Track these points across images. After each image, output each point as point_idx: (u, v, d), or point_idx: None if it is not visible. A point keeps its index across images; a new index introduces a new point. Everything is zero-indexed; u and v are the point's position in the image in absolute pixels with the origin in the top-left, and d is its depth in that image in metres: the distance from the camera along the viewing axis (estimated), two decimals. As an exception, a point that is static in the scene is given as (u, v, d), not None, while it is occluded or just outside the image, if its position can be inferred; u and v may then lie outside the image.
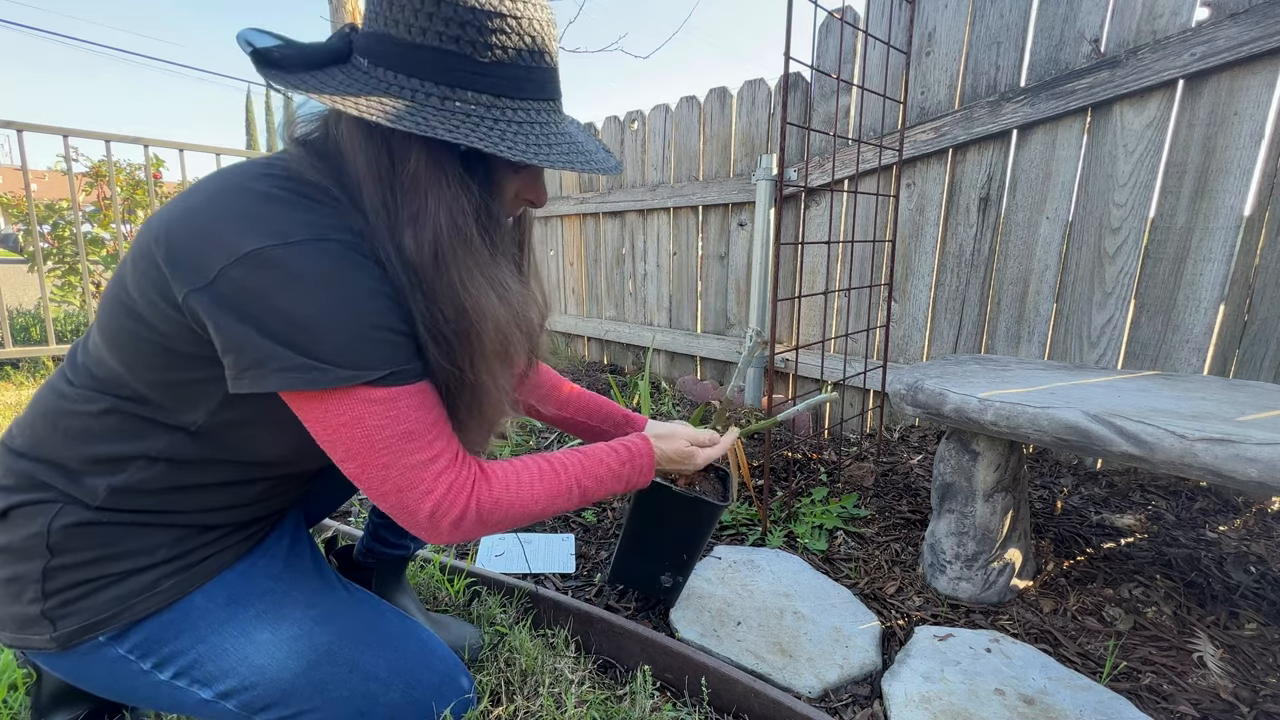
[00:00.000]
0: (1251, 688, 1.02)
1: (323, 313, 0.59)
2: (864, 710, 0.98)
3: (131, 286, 0.64)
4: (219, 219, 0.60)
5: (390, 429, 0.64)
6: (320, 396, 0.61)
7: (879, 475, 1.83)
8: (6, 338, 3.16)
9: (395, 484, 0.65)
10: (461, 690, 0.85)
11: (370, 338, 0.61)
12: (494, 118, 0.63)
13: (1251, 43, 1.43)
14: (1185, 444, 0.89)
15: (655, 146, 2.89)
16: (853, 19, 2.11)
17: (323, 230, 0.60)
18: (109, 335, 0.67)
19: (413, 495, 0.66)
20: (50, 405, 0.71)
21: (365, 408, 0.62)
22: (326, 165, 0.65)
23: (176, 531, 0.72)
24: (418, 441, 0.65)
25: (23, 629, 0.68)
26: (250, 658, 0.72)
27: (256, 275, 0.58)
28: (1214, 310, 1.58)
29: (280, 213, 0.60)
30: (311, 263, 0.59)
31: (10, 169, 26.41)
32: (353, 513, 1.67)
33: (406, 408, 0.64)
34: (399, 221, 0.64)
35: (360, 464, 0.64)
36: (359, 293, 0.61)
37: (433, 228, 0.64)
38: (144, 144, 3.46)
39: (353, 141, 0.64)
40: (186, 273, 0.59)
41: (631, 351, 3.29)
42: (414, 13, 0.60)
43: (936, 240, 2.04)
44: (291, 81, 0.62)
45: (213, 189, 0.63)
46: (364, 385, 0.62)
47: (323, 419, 0.63)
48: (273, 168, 0.64)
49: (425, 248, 0.64)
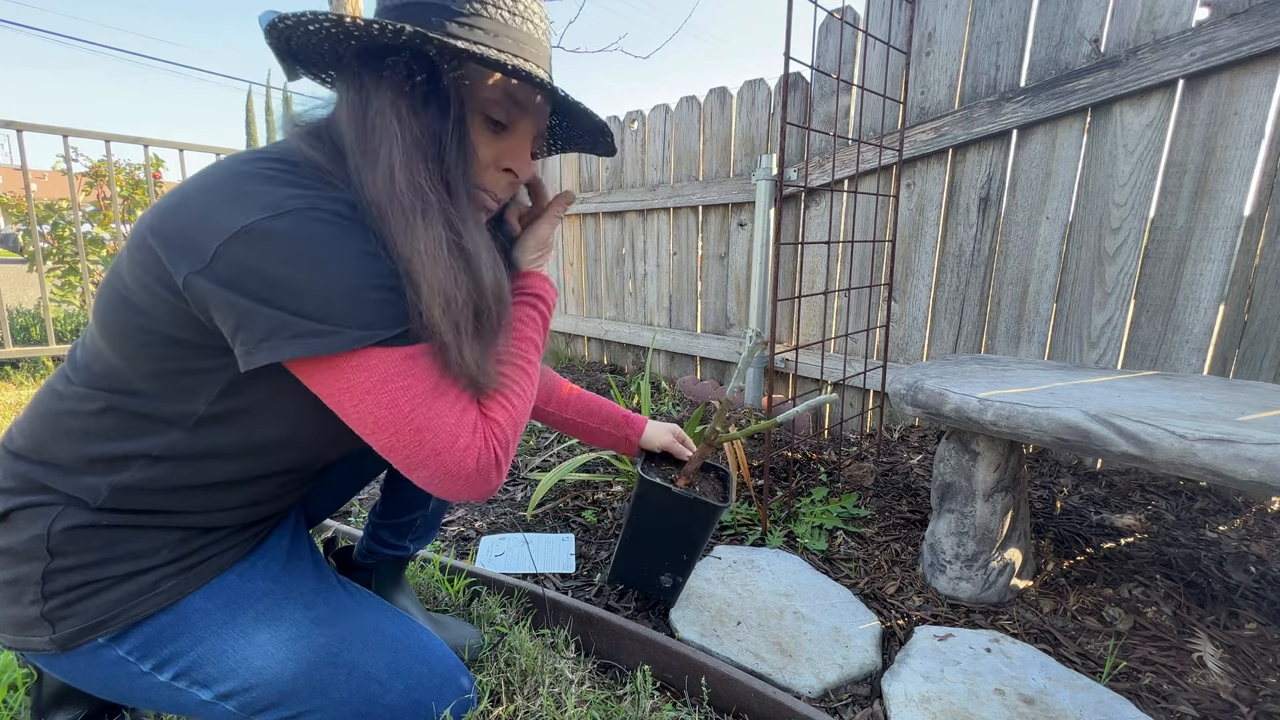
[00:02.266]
0: (1251, 688, 1.02)
1: (324, 276, 0.58)
2: (864, 710, 0.98)
3: (129, 277, 0.63)
4: (211, 201, 0.60)
5: (417, 387, 0.62)
6: (338, 364, 0.60)
7: (879, 475, 1.83)
8: (6, 338, 3.16)
9: (432, 446, 0.63)
10: (462, 690, 0.85)
11: (375, 298, 0.61)
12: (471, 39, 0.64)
13: (1251, 43, 1.43)
14: (1185, 444, 0.89)
15: (655, 146, 2.89)
16: (853, 19, 2.11)
17: (312, 201, 0.60)
18: (107, 329, 0.66)
19: (453, 455, 0.64)
20: (49, 406, 0.70)
21: (387, 367, 0.61)
22: (320, 142, 0.66)
23: (177, 533, 0.72)
24: (446, 398, 0.64)
25: (22, 631, 0.68)
26: (250, 659, 0.72)
27: (253, 249, 0.57)
28: (1214, 310, 1.58)
29: (270, 189, 0.60)
30: (305, 230, 0.59)
31: (10, 169, 26.40)
32: (352, 513, 1.67)
33: (427, 365, 0.63)
34: (363, 165, 0.63)
35: (392, 432, 0.63)
36: (355, 254, 0.60)
37: (386, 165, 0.62)
38: (144, 144, 3.46)
39: (342, 101, 0.65)
40: (185, 256, 0.59)
41: (631, 351, 3.29)
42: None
43: (936, 240, 2.04)
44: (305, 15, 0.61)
45: (204, 176, 0.63)
46: (379, 345, 0.61)
47: (346, 388, 0.61)
48: (267, 154, 0.64)
49: (380, 187, 0.62)
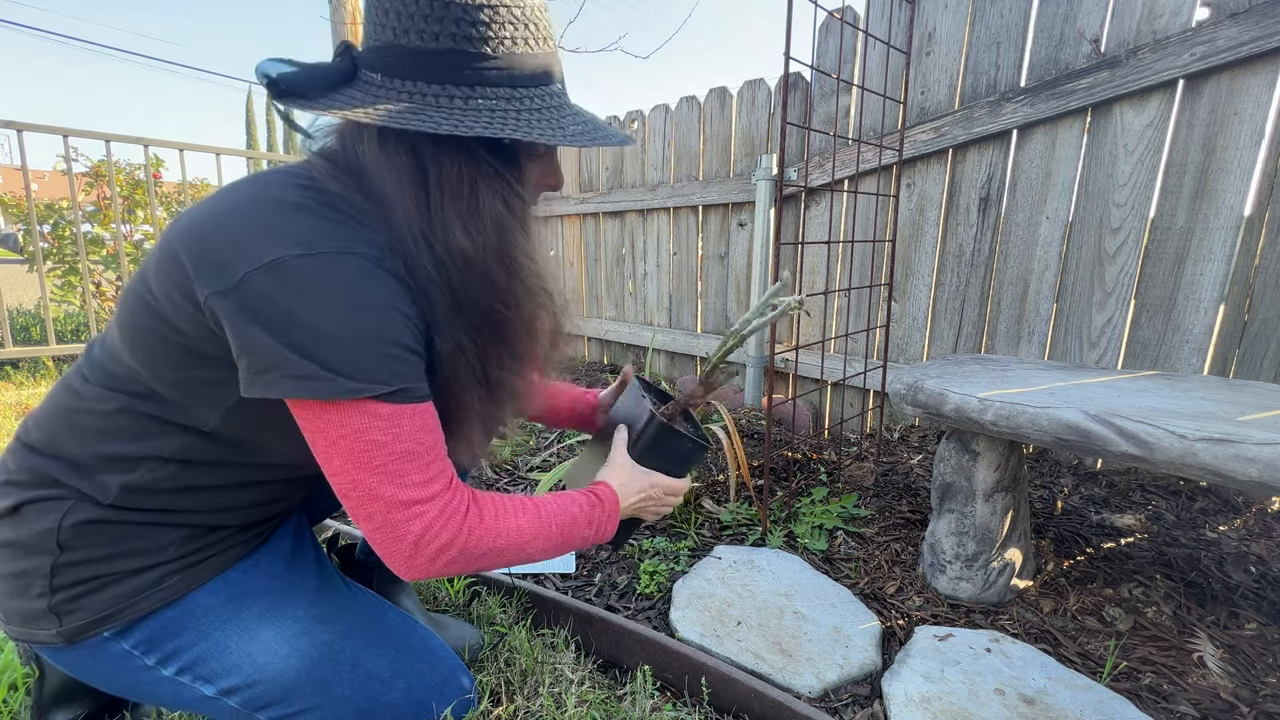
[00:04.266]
0: (1251, 688, 1.02)
1: (336, 323, 0.59)
2: (864, 710, 0.98)
3: (154, 284, 0.64)
4: (246, 225, 0.61)
5: (391, 447, 0.63)
6: (324, 407, 0.61)
7: (879, 475, 1.83)
8: (6, 338, 3.16)
9: (385, 504, 0.64)
10: (463, 690, 0.86)
11: (381, 351, 0.61)
12: (516, 108, 0.65)
13: (1251, 43, 1.43)
14: (1185, 444, 0.89)
15: (655, 146, 2.89)
16: (853, 19, 2.11)
17: (346, 244, 0.61)
18: (128, 332, 0.67)
19: (400, 516, 0.64)
20: (65, 402, 0.71)
21: (368, 421, 0.62)
22: (350, 179, 0.66)
23: (185, 531, 0.73)
24: (416, 462, 0.65)
25: (29, 623, 0.69)
26: (253, 655, 0.73)
27: (278, 282, 0.58)
28: (1214, 310, 1.58)
29: (306, 223, 0.61)
30: (332, 274, 0.60)
31: (10, 169, 26.40)
32: (353, 512, 1.67)
33: (410, 427, 0.64)
34: (444, 221, 0.65)
35: (352, 479, 0.63)
36: (375, 306, 0.61)
37: (494, 217, 0.67)
38: (144, 144, 3.46)
39: (378, 153, 0.65)
40: (211, 275, 0.60)
41: (632, 351, 3.29)
42: (424, 19, 0.61)
43: (936, 240, 2.04)
44: (317, 105, 0.63)
45: (242, 195, 0.64)
46: (370, 399, 0.61)
47: (324, 429, 0.62)
48: (299, 178, 0.65)
49: (486, 239, 0.66)
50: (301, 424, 0.64)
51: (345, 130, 0.68)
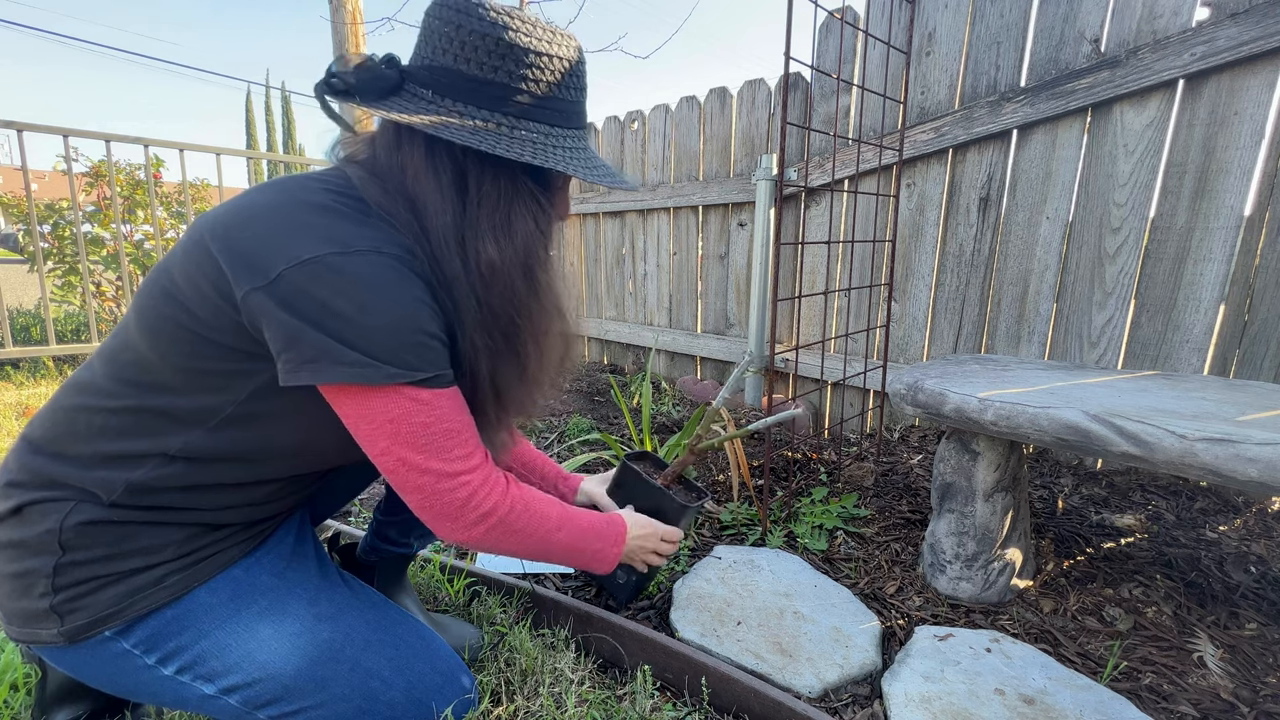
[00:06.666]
0: (1251, 688, 1.02)
1: (376, 315, 0.64)
2: (864, 710, 0.98)
3: (179, 275, 0.67)
4: (282, 225, 0.65)
5: (435, 426, 0.69)
6: (369, 392, 0.66)
7: (879, 475, 1.83)
8: (7, 338, 3.16)
9: (434, 475, 0.70)
10: (463, 690, 0.86)
11: (418, 341, 0.67)
12: (552, 144, 0.72)
13: (1251, 43, 1.43)
14: (1185, 444, 0.89)
15: (655, 146, 2.89)
16: (853, 19, 2.11)
17: (377, 243, 0.66)
18: (146, 320, 0.69)
19: (449, 485, 0.71)
20: (71, 400, 0.72)
21: (411, 405, 0.68)
22: (382, 183, 0.71)
23: (187, 530, 0.73)
24: (457, 439, 0.71)
25: (31, 623, 0.69)
26: (253, 654, 0.73)
27: (317, 279, 0.63)
28: (1214, 310, 1.58)
29: (339, 224, 0.66)
30: (368, 270, 0.64)
31: (10, 169, 26.39)
32: (353, 513, 1.67)
33: (448, 408, 0.70)
34: (477, 233, 0.71)
35: (400, 457, 0.69)
36: (407, 299, 0.66)
37: (523, 235, 0.73)
38: (144, 144, 3.46)
39: (422, 161, 0.70)
40: (248, 272, 0.63)
41: (632, 351, 3.29)
42: (487, 54, 0.68)
43: (936, 240, 2.04)
44: (380, 107, 0.69)
45: (274, 197, 0.68)
46: (411, 385, 0.67)
47: (368, 414, 0.67)
48: (329, 183, 0.71)
49: (514, 252, 0.72)
50: (343, 410, 0.68)
51: (381, 137, 0.73)
